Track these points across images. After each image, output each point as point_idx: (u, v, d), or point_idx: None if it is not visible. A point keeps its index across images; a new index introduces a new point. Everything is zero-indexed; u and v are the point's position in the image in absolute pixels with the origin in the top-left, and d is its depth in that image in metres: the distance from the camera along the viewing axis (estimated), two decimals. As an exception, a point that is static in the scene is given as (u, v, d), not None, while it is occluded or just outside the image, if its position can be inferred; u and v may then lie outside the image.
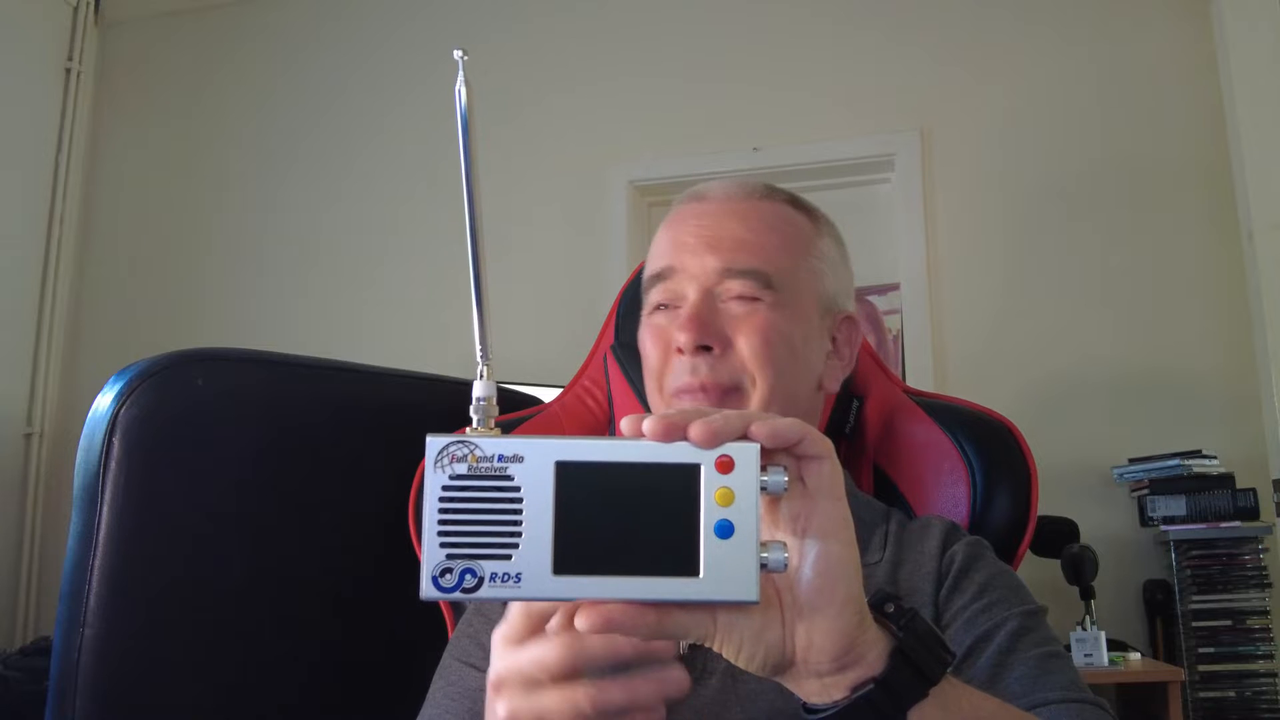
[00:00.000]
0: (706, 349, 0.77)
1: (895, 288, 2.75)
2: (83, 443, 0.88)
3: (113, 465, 0.86)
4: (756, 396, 0.78)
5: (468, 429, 0.48)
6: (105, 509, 0.86)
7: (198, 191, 3.27)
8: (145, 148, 3.35)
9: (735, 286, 0.79)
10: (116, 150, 3.36)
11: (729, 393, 0.78)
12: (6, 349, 3.04)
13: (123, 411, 0.87)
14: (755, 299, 0.79)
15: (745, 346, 0.78)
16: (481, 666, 0.73)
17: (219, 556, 0.94)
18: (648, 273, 0.85)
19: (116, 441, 0.87)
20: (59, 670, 0.85)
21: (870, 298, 2.78)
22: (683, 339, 0.77)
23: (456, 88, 0.50)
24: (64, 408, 3.14)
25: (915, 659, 0.47)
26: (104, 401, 0.88)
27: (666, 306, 0.82)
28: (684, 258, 0.81)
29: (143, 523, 0.88)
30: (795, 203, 0.87)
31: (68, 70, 3.27)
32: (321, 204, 3.15)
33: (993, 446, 0.93)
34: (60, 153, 3.22)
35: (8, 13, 3.08)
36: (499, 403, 0.50)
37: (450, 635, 0.82)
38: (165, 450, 0.90)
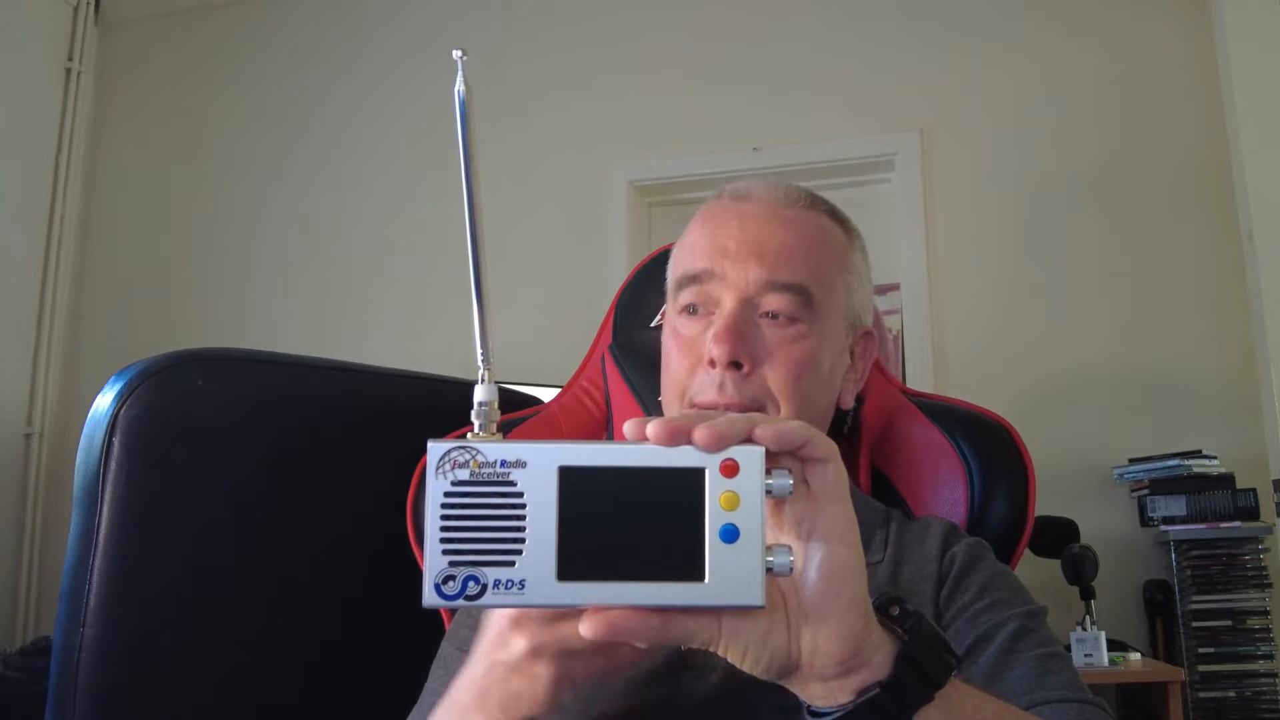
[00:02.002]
0: (737, 365, 0.75)
1: (895, 288, 2.75)
2: (83, 443, 0.88)
3: (113, 465, 0.86)
4: None
5: (469, 434, 0.48)
6: (105, 509, 0.86)
7: (198, 191, 3.27)
8: (145, 148, 3.35)
9: (775, 301, 0.77)
10: (116, 150, 3.36)
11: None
12: (6, 349, 3.04)
13: (123, 411, 0.87)
14: (793, 320, 0.77)
15: (775, 374, 0.76)
16: None
17: (219, 556, 0.94)
18: (681, 270, 0.82)
19: (116, 441, 0.87)
20: (59, 670, 0.85)
21: (870, 298, 2.78)
22: (717, 352, 0.75)
23: (456, 88, 0.49)
24: (64, 408, 3.14)
25: (920, 662, 0.46)
26: (104, 401, 0.88)
27: (697, 310, 0.80)
28: (724, 263, 0.78)
29: (143, 523, 0.88)
30: (834, 214, 0.86)
31: (68, 70, 3.27)
32: (322, 204, 3.15)
33: (990, 447, 0.93)
34: (60, 153, 3.22)
35: (8, 13, 3.07)
36: (499, 404, 0.50)
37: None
38: (165, 450, 0.90)
